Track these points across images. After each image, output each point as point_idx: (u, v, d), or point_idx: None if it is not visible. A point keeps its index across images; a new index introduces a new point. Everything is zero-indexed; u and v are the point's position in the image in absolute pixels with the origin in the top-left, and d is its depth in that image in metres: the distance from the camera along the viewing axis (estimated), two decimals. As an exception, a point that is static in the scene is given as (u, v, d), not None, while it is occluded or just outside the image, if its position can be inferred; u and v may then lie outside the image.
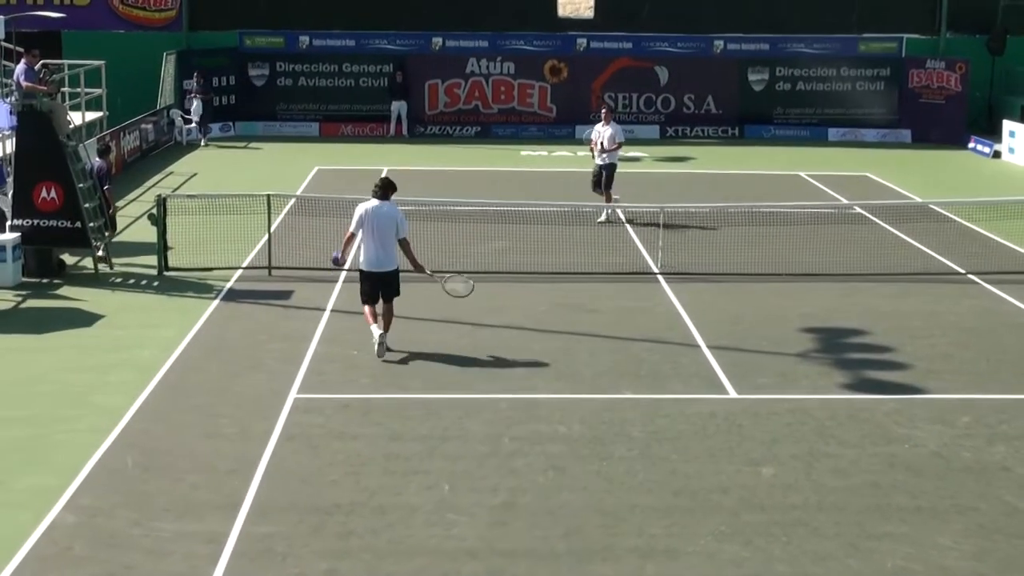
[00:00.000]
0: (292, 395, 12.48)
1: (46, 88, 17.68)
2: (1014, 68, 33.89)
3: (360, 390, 12.72)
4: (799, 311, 15.95)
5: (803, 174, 27.56)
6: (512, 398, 12.47)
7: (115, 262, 17.92)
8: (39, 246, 17.25)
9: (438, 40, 34.01)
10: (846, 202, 23.16)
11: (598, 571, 8.89)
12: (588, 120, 21.69)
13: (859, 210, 22.15)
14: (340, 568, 8.85)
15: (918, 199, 24.01)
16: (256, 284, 17.03)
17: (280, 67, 33.78)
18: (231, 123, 33.02)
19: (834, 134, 33.87)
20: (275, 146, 31.24)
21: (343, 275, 16.54)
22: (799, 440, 11.45)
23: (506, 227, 19.84)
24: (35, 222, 17.14)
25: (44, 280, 17.13)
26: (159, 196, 18.13)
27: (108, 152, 19.65)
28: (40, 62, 18.59)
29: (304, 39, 33.82)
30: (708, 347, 14.32)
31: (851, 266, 18.07)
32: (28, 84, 17.56)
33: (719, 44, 34.18)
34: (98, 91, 26.95)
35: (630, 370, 13.47)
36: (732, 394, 12.76)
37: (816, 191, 25.49)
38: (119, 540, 9.22)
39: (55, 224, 17.15)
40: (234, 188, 21.49)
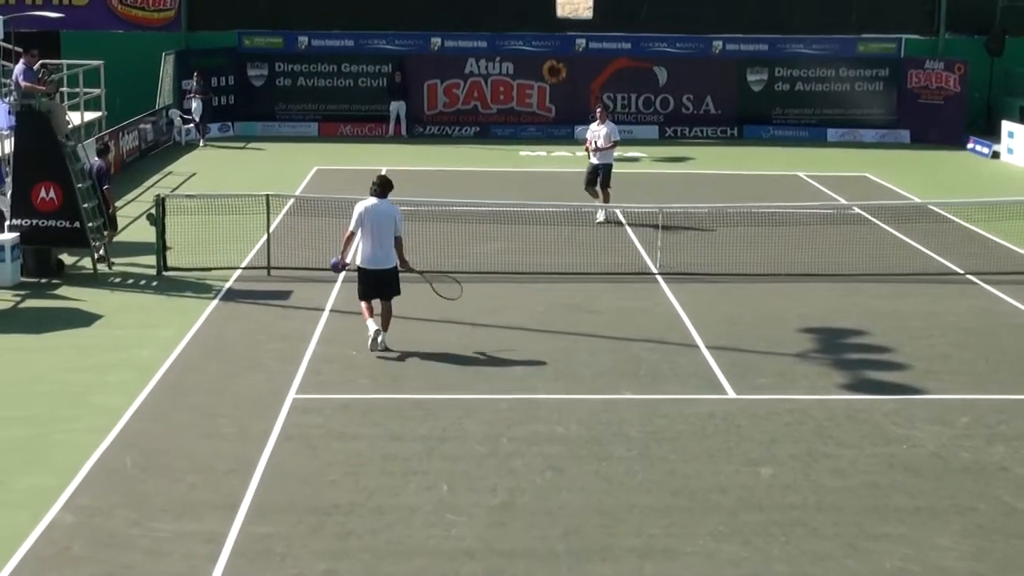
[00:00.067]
0: (291, 395, 12.49)
1: (45, 88, 17.68)
2: (1013, 69, 33.89)
3: (359, 390, 12.72)
4: (798, 311, 15.96)
5: (802, 174, 27.56)
6: (511, 398, 12.47)
7: (114, 262, 17.92)
8: (38, 246, 17.25)
9: (437, 40, 34.00)
10: (845, 202, 23.16)
11: (597, 571, 8.89)
12: (587, 120, 21.67)
13: (858, 210, 22.15)
14: (339, 568, 8.85)
15: (917, 200, 24.01)
16: (255, 284, 17.03)
17: (279, 67, 33.77)
18: (230, 123, 33.01)
19: (833, 134, 33.86)
20: (274, 146, 31.23)
21: (342, 275, 16.51)
22: (798, 440, 11.46)
23: (505, 227, 19.83)
24: (34, 222, 17.15)
25: (43, 280, 17.13)
26: (158, 196, 18.13)
27: (107, 152, 19.64)
28: (39, 62, 18.58)
29: (303, 39, 33.81)
30: (707, 347, 14.33)
31: (850, 266, 18.07)
32: (27, 84, 17.56)
33: (718, 44, 34.17)
34: (97, 91, 26.96)
35: (629, 370, 13.47)
36: (731, 394, 12.76)
37: (815, 191, 25.49)
38: (118, 540, 9.22)
39: (54, 224, 17.16)
40: (233, 188, 21.48)
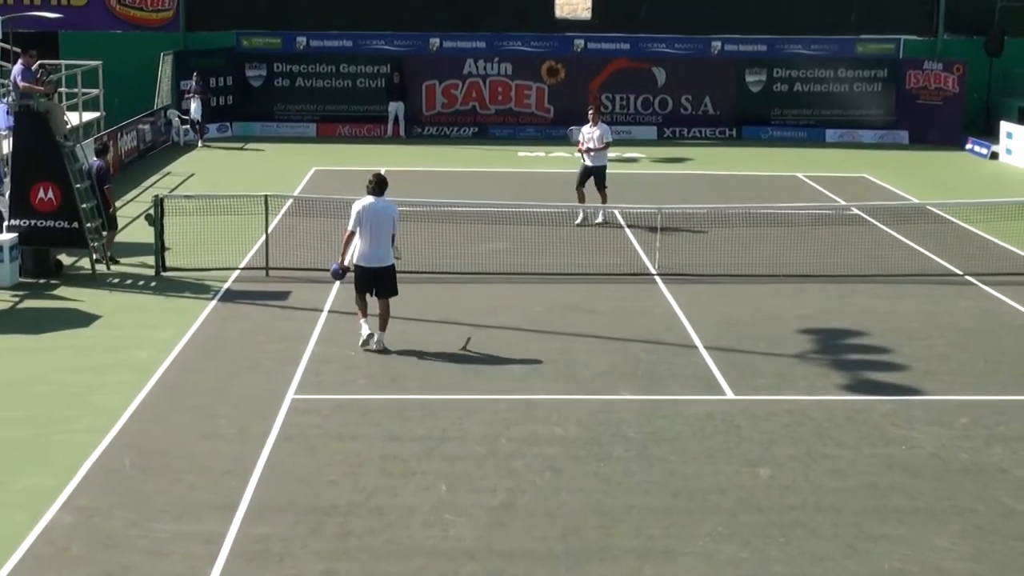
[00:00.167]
0: (290, 396, 12.48)
1: (43, 88, 17.68)
2: (1011, 69, 33.91)
3: (358, 391, 12.71)
4: (797, 312, 15.96)
5: (800, 175, 27.57)
6: (510, 399, 12.47)
7: (119, 260, 17.97)
8: (36, 246, 17.24)
9: (435, 41, 34.00)
10: (843, 203, 23.15)
11: (596, 572, 8.89)
12: (586, 121, 21.62)
13: (856, 211, 22.14)
14: (338, 569, 8.84)
15: (915, 200, 24.01)
16: (253, 285, 17.02)
17: (277, 68, 33.76)
18: (228, 123, 33.00)
19: (831, 135, 33.86)
20: (272, 147, 31.21)
21: (341, 275, 16.54)
22: (797, 441, 11.45)
23: (503, 228, 19.83)
24: (32, 222, 17.13)
25: (41, 280, 17.12)
26: (156, 196, 18.12)
27: (106, 151, 19.63)
28: (37, 62, 18.57)
29: (301, 40, 33.79)
30: (705, 348, 14.33)
31: (849, 267, 18.08)
32: (25, 84, 17.56)
33: (717, 45, 34.17)
34: (95, 91, 26.95)
35: (627, 371, 13.47)
36: (729, 395, 12.76)
37: (813, 192, 25.49)
38: (117, 540, 9.21)
39: (52, 224, 17.14)
40: (231, 189, 21.48)
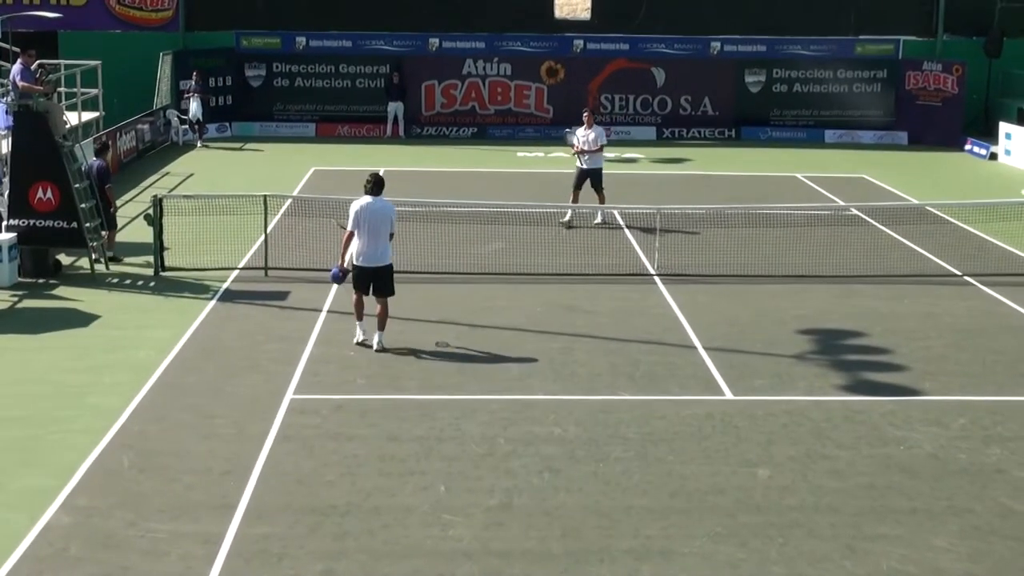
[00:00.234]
0: (288, 396, 12.48)
1: (42, 88, 17.65)
2: (1010, 70, 33.93)
3: (356, 391, 12.72)
4: (795, 313, 15.96)
5: (800, 176, 27.57)
6: (508, 399, 12.47)
7: (121, 259, 17.98)
8: (35, 246, 17.24)
9: (435, 41, 34.00)
10: (842, 204, 23.16)
11: (594, 572, 8.89)
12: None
13: (855, 212, 22.15)
14: (336, 569, 8.84)
15: (914, 201, 24.02)
16: (252, 285, 17.02)
17: (277, 68, 33.76)
18: (228, 123, 33.00)
19: (830, 136, 33.88)
20: (271, 147, 31.21)
21: (340, 276, 16.54)
22: (795, 442, 11.46)
23: (502, 228, 19.84)
24: (31, 222, 17.14)
25: (40, 280, 17.12)
26: (155, 196, 18.12)
27: (106, 150, 19.63)
28: (36, 62, 18.52)
29: (301, 40, 33.80)
30: (704, 348, 14.33)
31: (847, 268, 18.09)
32: (24, 84, 17.53)
33: (716, 46, 34.18)
34: (94, 91, 26.93)
35: (626, 371, 13.47)
36: (728, 395, 12.77)
37: (812, 193, 25.50)
38: (115, 541, 9.22)
39: (51, 224, 17.14)
40: (230, 189, 21.50)
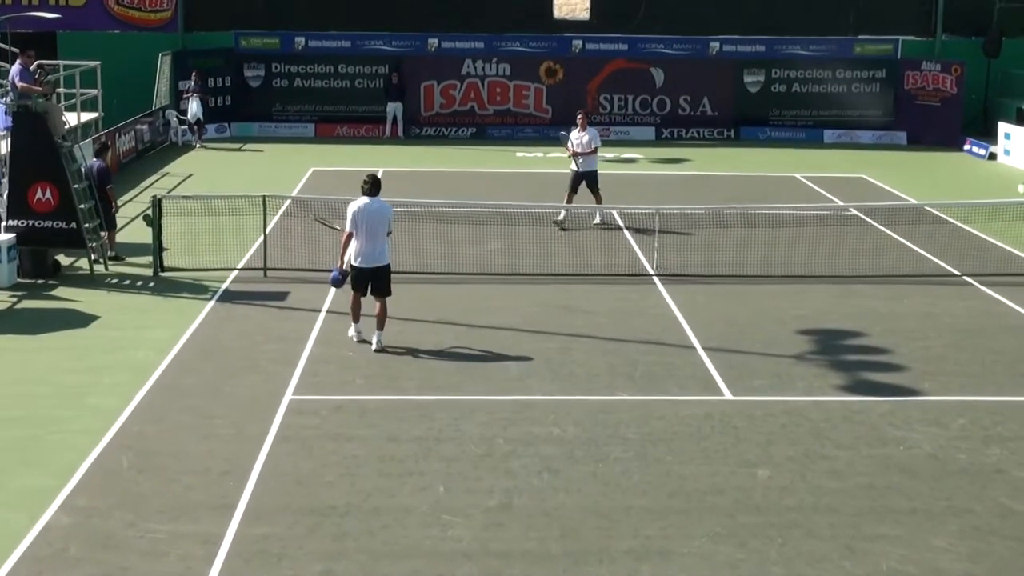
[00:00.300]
0: (287, 396, 12.48)
1: (41, 89, 17.66)
2: (1009, 70, 33.94)
3: (355, 391, 12.72)
4: (794, 313, 15.96)
5: (799, 176, 27.58)
6: (507, 399, 12.47)
7: (110, 263, 17.94)
8: (34, 247, 17.23)
9: (434, 41, 34.00)
10: (841, 204, 23.17)
11: (593, 572, 8.89)
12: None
13: (854, 212, 22.16)
14: (335, 569, 8.84)
15: (913, 201, 24.02)
16: (251, 285, 17.02)
17: (276, 68, 33.76)
18: (227, 124, 32.99)
19: (830, 136, 33.88)
20: (271, 147, 31.21)
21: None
22: (794, 442, 11.46)
23: (501, 228, 19.84)
24: (30, 223, 17.13)
25: (39, 281, 17.11)
26: (155, 197, 18.12)
27: (106, 151, 19.62)
28: (35, 63, 18.53)
29: (300, 40, 33.79)
30: (703, 348, 14.33)
31: (846, 268, 18.09)
32: (23, 85, 17.53)
33: (715, 46, 34.19)
34: (93, 92, 26.94)
35: (625, 371, 13.47)
36: (727, 396, 12.77)
37: (812, 193, 25.50)
38: (114, 541, 9.22)
39: (50, 225, 17.14)
40: (230, 189, 21.49)
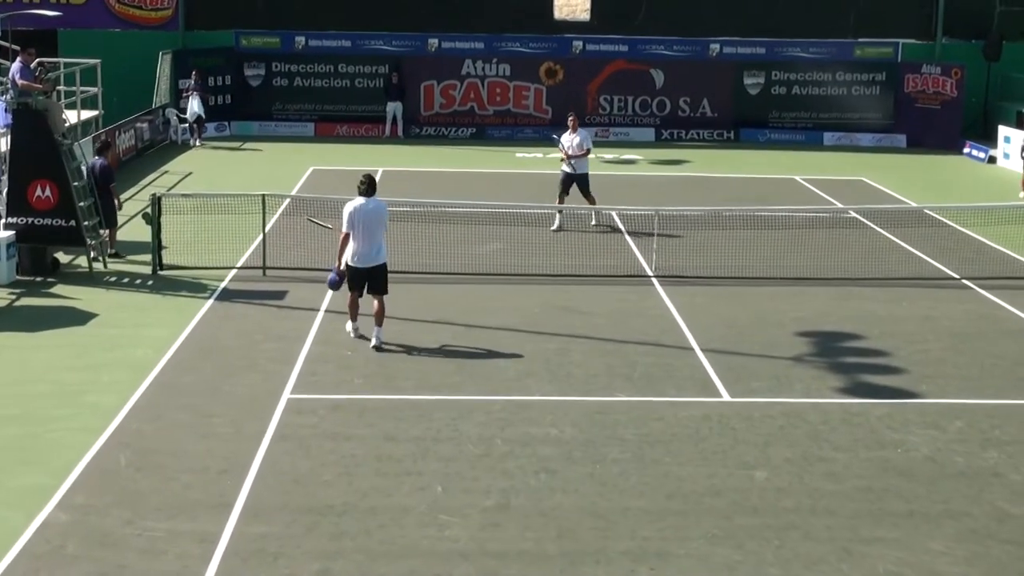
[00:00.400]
0: (285, 395, 12.48)
1: (41, 86, 17.65)
2: (1009, 74, 33.96)
3: (353, 391, 12.72)
4: (793, 315, 15.97)
5: (798, 178, 27.59)
6: (505, 400, 12.47)
7: (109, 261, 17.96)
8: (33, 244, 17.23)
9: (434, 41, 34.00)
10: (841, 206, 23.18)
11: (590, 573, 8.89)
12: (584, 123, 21.61)
13: (854, 214, 22.15)
14: (332, 568, 8.85)
15: (913, 204, 24.03)
16: (250, 284, 17.02)
17: (276, 67, 33.77)
18: (227, 123, 33.00)
19: (829, 138, 33.90)
20: (270, 146, 31.21)
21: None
22: (792, 444, 11.47)
23: (501, 229, 19.85)
24: (30, 220, 17.13)
25: (38, 279, 17.11)
26: (154, 195, 18.12)
27: (107, 149, 19.62)
28: (36, 60, 18.52)
29: (300, 39, 33.80)
30: (702, 350, 14.34)
31: (845, 270, 18.10)
32: (24, 82, 17.52)
33: (715, 47, 34.20)
34: (93, 90, 26.92)
35: (623, 373, 13.47)
36: (725, 397, 12.77)
37: (811, 195, 25.51)
38: (112, 539, 9.22)
39: (50, 222, 17.15)
40: (229, 188, 21.49)
